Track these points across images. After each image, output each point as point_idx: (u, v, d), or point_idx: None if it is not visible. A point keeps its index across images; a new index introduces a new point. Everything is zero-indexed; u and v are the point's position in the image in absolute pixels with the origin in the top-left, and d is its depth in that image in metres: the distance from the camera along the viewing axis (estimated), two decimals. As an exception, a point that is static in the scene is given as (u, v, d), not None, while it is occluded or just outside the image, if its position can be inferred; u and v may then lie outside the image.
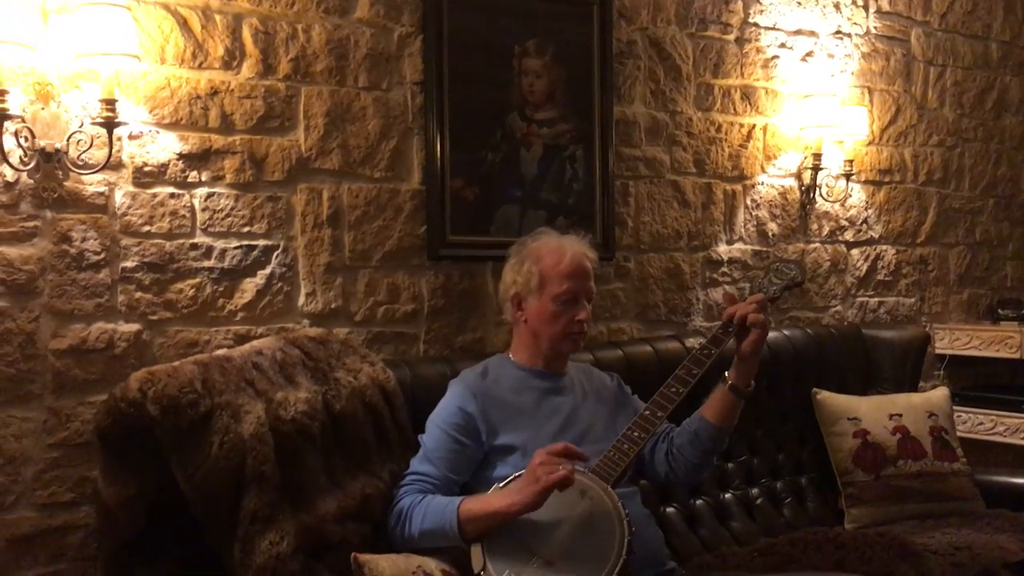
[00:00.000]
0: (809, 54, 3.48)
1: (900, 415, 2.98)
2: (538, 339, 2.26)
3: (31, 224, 2.13)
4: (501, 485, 2.05)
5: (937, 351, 3.84)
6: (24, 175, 2.11)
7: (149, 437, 1.86)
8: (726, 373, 2.21)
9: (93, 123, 2.14)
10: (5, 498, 2.11)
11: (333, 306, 2.53)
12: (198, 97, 2.33)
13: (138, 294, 2.26)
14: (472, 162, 2.73)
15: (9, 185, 2.10)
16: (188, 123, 2.32)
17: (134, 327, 2.26)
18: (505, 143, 2.79)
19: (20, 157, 2.09)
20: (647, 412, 2.16)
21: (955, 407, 3.53)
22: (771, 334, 3.05)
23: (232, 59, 2.38)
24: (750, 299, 2.24)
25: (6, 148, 2.06)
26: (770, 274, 2.37)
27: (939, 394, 3.13)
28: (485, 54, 2.75)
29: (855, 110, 3.47)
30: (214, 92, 2.35)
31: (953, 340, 3.83)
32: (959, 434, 3.36)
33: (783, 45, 3.41)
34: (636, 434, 2.13)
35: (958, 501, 2.88)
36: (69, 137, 2.14)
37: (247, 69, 2.40)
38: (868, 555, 2.29)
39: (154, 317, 2.29)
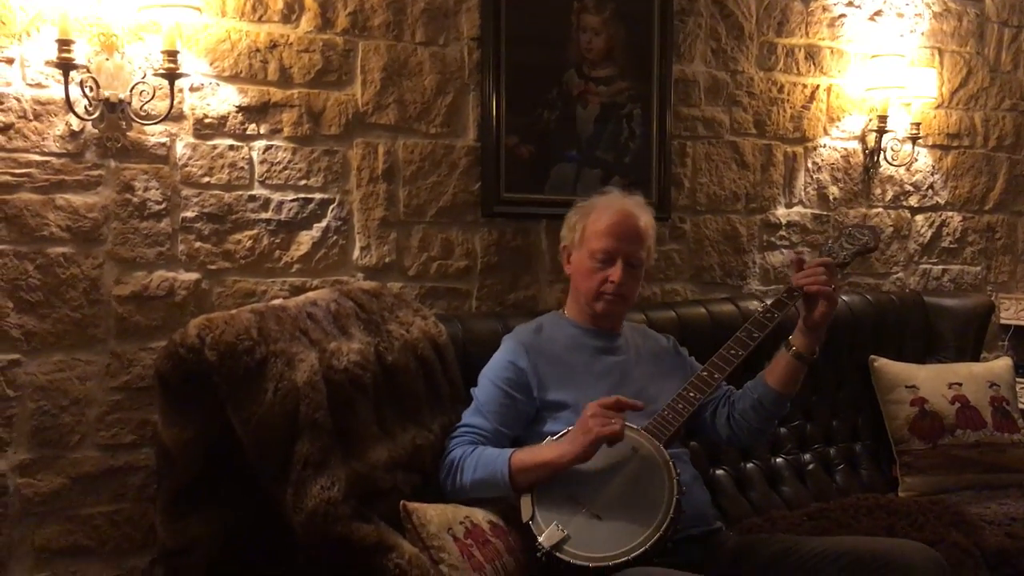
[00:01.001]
0: (878, 13, 3.38)
1: (960, 384, 2.92)
2: (578, 294, 2.26)
3: (96, 173, 2.18)
4: (555, 438, 2.06)
5: (1002, 321, 3.74)
6: (89, 124, 2.16)
7: (207, 382, 1.90)
8: (790, 338, 2.17)
9: (155, 74, 2.17)
10: (70, 437, 2.19)
11: (387, 260, 2.55)
12: (257, 50, 2.35)
13: (197, 244, 2.31)
14: (528, 119, 2.72)
15: (75, 134, 2.16)
16: (247, 76, 2.34)
17: (193, 276, 2.31)
18: (561, 101, 2.77)
19: (85, 107, 2.14)
20: (704, 373, 2.15)
21: (1020, 379, 3.45)
22: (829, 299, 3.02)
23: (291, 13, 2.39)
24: (816, 262, 2.17)
25: (72, 98, 2.10)
26: (842, 239, 2.30)
27: (1002, 364, 3.05)
28: (543, 10, 2.73)
29: (924, 71, 3.37)
30: (273, 45, 2.37)
31: (1020, 310, 3.73)
32: (1023, 406, 3.28)
33: (850, 3, 3.32)
34: (692, 395, 2.11)
35: (1017, 472, 2.83)
36: (132, 88, 2.17)
37: (306, 23, 2.41)
38: (920, 522, 2.26)
39: (213, 267, 2.33)
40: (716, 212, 3.10)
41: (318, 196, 2.46)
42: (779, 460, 2.84)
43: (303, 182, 2.43)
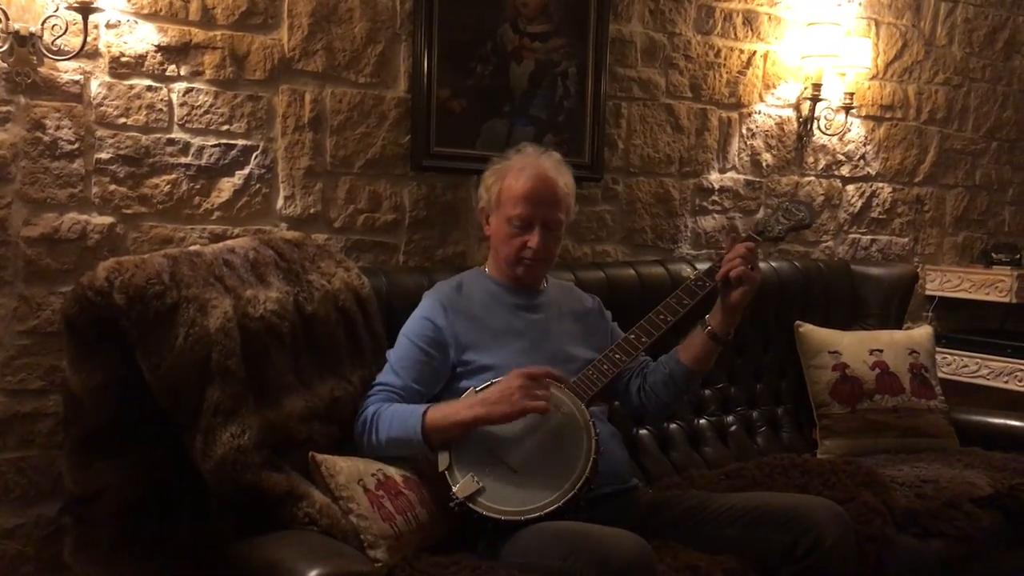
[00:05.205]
0: (816, -20, 3.39)
1: (881, 351, 2.97)
2: (497, 256, 2.24)
3: (4, 109, 2.09)
4: (478, 389, 2.03)
5: (927, 292, 3.81)
6: (-3, 58, 2.08)
7: (116, 327, 1.85)
8: (706, 317, 2.18)
9: (68, 8, 2.08)
10: (-26, 382, 2.12)
11: (312, 211, 2.50)
12: (179, -12, 2.28)
13: (112, 187, 2.24)
14: (460, 73, 2.67)
15: (-18, 68, 2.07)
16: (168, 15, 2.26)
17: (107, 220, 2.24)
18: (495, 55, 2.73)
19: (-7, 39, 2.05)
20: (632, 336, 2.15)
21: (942, 349, 3.53)
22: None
23: (215, -49, 2.32)
24: (739, 246, 2.14)
25: (-22, 29, 2.02)
26: (778, 213, 2.32)
27: (922, 332, 3.11)
28: (478, -39, 2.68)
29: (859, 41, 3.39)
30: (195, -16, 2.30)
31: (944, 282, 3.80)
32: (944, 375, 3.36)
33: (790, -30, 3.32)
34: (618, 356, 2.13)
35: (932, 438, 2.89)
36: (44, 21, 2.08)
37: (230, -38, 2.34)
38: (832, 481, 2.30)
39: (128, 211, 2.26)
40: (649, 175, 3.10)
41: (241, 142, 2.39)
42: (702, 421, 2.87)
43: (225, 127, 2.37)
